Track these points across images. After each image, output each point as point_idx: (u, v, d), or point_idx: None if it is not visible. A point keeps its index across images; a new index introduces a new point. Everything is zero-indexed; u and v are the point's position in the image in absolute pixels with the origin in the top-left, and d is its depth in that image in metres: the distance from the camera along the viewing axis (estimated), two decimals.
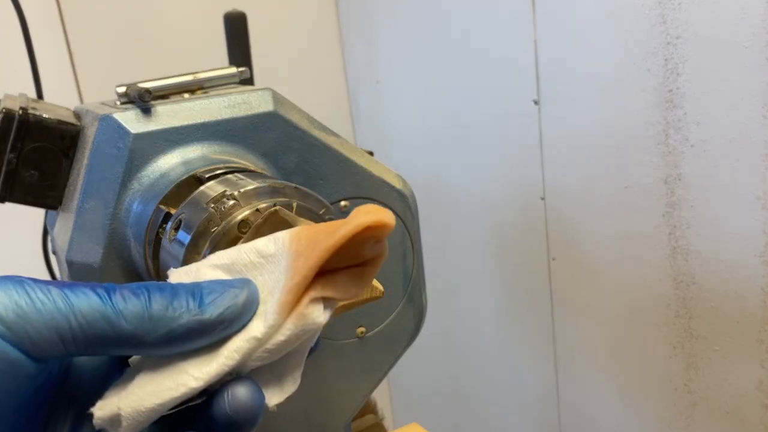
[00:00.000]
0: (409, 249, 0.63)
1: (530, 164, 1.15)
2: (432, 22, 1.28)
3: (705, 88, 0.86)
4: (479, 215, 1.30)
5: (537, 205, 1.16)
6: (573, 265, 1.14)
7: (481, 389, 1.46)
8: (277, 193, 0.42)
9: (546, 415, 1.30)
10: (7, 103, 0.52)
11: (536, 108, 1.11)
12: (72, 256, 0.49)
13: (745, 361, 0.92)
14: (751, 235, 0.86)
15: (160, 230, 0.45)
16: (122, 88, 0.53)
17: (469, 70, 1.22)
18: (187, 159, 0.50)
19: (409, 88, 1.39)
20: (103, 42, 1.25)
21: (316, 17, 1.52)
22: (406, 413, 1.75)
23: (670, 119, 0.91)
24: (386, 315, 0.63)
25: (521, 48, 1.10)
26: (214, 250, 0.39)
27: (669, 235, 0.96)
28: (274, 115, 0.54)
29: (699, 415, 1.00)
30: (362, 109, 1.57)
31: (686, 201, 0.92)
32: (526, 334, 1.28)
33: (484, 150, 1.24)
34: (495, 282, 1.32)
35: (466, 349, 1.46)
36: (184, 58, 1.32)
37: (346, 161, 0.58)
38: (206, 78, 0.58)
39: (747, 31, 0.80)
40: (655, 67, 0.91)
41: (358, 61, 1.53)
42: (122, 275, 0.50)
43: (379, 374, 0.65)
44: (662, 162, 0.94)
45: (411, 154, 1.44)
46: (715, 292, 0.92)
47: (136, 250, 0.49)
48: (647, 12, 0.90)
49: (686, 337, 0.98)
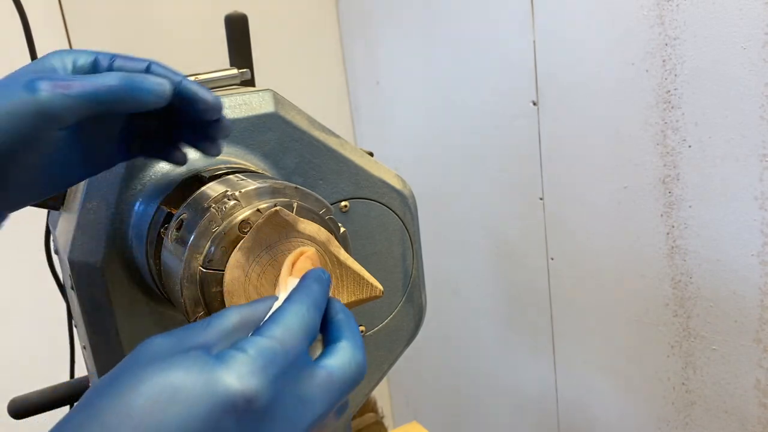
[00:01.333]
0: (409, 249, 0.63)
1: (529, 164, 1.15)
2: (432, 23, 1.28)
3: (703, 88, 0.86)
4: (478, 215, 1.30)
5: (536, 205, 1.17)
6: (572, 265, 1.14)
7: (480, 388, 1.46)
8: (277, 194, 0.42)
9: (545, 413, 1.30)
10: None
11: (535, 109, 1.11)
12: (74, 256, 0.49)
13: (743, 360, 0.92)
14: (748, 234, 0.87)
15: (161, 230, 0.46)
16: None
17: (468, 70, 1.23)
18: (188, 159, 0.51)
19: (409, 88, 1.39)
20: (104, 43, 1.26)
21: (316, 17, 1.52)
22: (406, 412, 1.75)
23: (668, 120, 0.91)
24: (386, 314, 0.63)
25: (520, 49, 1.11)
26: (215, 249, 0.39)
27: (667, 235, 0.96)
28: (274, 116, 0.54)
29: (697, 413, 1.01)
30: (362, 109, 1.57)
31: (684, 201, 0.93)
32: (525, 333, 1.29)
33: (483, 150, 1.25)
34: (494, 282, 1.32)
35: (466, 348, 1.46)
36: (185, 59, 1.33)
37: (346, 161, 0.58)
38: (207, 79, 0.58)
39: (745, 32, 0.80)
40: (654, 67, 0.91)
41: (358, 61, 1.53)
42: (124, 275, 0.51)
43: (379, 373, 0.65)
44: (660, 162, 0.94)
45: (411, 154, 1.44)
46: (713, 291, 0.93)
47: (138, 250, 0.49)
48: (645, 13, 0.90)
49: (684, 337, 0.99)
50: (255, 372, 0.29)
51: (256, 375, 0.29)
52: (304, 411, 0.30)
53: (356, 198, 0.59)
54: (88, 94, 0.37)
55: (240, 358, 0.29)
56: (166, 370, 0.28)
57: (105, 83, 0.37)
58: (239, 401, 0.28)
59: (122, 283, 0.51)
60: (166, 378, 0.28)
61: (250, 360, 0.29)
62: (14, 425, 0.81)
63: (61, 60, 0.39)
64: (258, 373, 0.29)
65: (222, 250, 0.39)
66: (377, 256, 0.62)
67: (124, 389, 0.27)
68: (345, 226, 0.44)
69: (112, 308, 0.50)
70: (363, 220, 0.60)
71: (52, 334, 0.90)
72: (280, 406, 0.29)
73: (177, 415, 0.27)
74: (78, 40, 1.23)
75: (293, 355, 0.30)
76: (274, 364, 0.29)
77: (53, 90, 0.36)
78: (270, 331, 0.31)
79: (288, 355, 0.30)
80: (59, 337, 0.82)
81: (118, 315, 0.50)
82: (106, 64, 0.41)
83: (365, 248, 0.61)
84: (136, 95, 0.38)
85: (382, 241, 0.61)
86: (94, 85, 0.37)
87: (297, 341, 0.31)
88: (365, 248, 0.61)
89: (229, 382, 0.28)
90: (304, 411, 0.30)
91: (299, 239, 0.40)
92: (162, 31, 1.32)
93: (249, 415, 0.28)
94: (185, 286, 0.39)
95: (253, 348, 0.29)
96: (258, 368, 0.29)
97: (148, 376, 0.28)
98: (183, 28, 1.33)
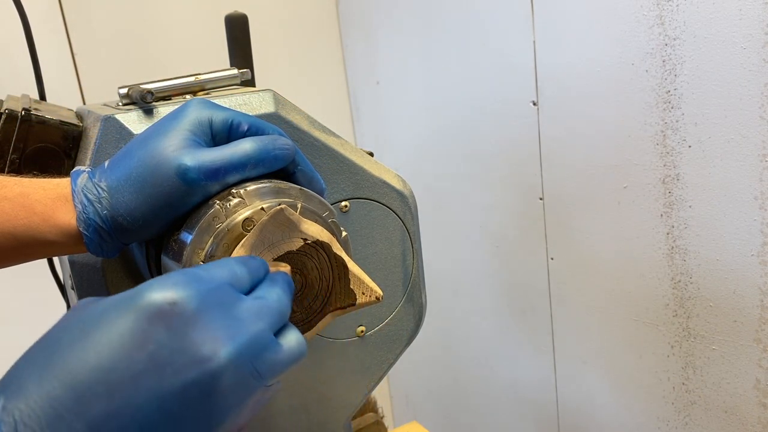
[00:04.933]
0: (409, 249, 0.63)
1: (529, 165, 1.15)
2: (432, 23, 1.28)
3: (703, 89, 0.86)
4: (478, 215, 1.30)
5: (536, 206, 1.17)
6: (571, 265, 1.14)
7: (480, 388, 1.46)
8: (281, 194, 0.42)
9: (545, 413, 1.30)
10: (9, 104, 0.52)
11: (535, 109, 1.11)
12: (74, 257, 0.50)
13: (743, 360, 0.92)
14: (748, 234, 0.87)
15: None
16: (124, 89, 0.53)
17: (468, 70, 1.23)
18: None
19: (409, 88, 1.39)
20: (105, 43, 1.26)
21: (316, 17, 1.52)
22: (406, 412, 1.75)
23: (668, 120, 0.92)
24: (386, 314, 0.63)
25: (520, 49, 1.11)
26: (217, 246, 0.39)
27: (667, 235, 0.96)
28: (274, 117, 0.54)
29: (697, 413, 1.01)
30: (362, 109, 1.57)
31: (684, 201, 0.93)
32: (525, 333, 1.29)
33: (483, 150, 1.25)
34: (494, 282, 1.32)
35: (466, 348, 1.46)
36: (185, 59, 1.33)
37: (346, 162, 0.58)
38: (208, 79, 0.58)
39: (745, 32, 0.80)
40: (653, 68, 0.91)
41: (358, 61, 1.53)
42: (124, 275, 0.51)
43: (379, 373, 0.65)
44: (660, 162, 0.94)
45: (411, 154, 1.44)
46: (712, 291, 0.93)
47: (138, 251, 0.49)
48: (645, 13, 0.90)
49: (684, 337, 0.99)
50: (178, 284, 0.31)
51: (179, 285, 0.31)
52: (236, 327, 0.32)
53: (356, 198, 0.59)
54: (228, 166, 0.40)
55: (163, 278, 0.32)
56: (93, 305, 0.31)
57: (244, 152, 0.41)
58: (163, 306, 0.30)
59: (122, 283, 0.51)
60: (95, 308, 0.31)
61: (172, 278, 0.32)
62: None
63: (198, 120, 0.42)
64: (181, 284, 0.31)
65: (224, 247, 0.39)
66: (377, 256, 0.62)
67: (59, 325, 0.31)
68: (345, 226, 0.44)
69: None
70: (363, 220, 0.60)
71: None
72: (209, 317, 0.31)
73: (106, 333, 0.29)
74: (78, 40, 1.23)
75: (217, 282, 0.33)
76: (199, 281, 0.32)
77: (203, 175, 0.40)
78: (198, 267, 0.34)
79: (212, 281, 0.33)
80: None
81: None
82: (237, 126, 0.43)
83: (365, 248, 0.61)
84: (268, 161, 0.42)
85: (382, 241, 0.61)
86: (233, 155, 0.41)
87: (222, 274, 0.34)
88: (365, 248, 0.61)
89: (150, 294, 0.30)
90: (235, 326, 0.32)
91: (301, 238, 0.41)
92: (162, 31, 1.32)
93: (177, 319, 0.30)
94: None
95: (178, 273, 0.32)
96: (180, 281, 0.31)
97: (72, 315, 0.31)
98: (183, 28, 1.33)
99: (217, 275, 0.34)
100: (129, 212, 0.40)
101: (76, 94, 1.24)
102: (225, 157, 0.40)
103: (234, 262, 0.36)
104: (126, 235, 0.41)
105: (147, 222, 0.40)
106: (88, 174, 0.42)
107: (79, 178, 0.42)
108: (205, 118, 0.42)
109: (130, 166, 0.41)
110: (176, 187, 0.40)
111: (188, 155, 0.40)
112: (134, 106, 0.53)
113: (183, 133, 0.41)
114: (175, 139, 0.41)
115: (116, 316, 0.30)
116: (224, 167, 0.40)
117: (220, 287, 0.33)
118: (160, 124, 0.42)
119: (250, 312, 0.33)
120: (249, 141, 0.42)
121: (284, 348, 0.34)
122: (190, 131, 0.41)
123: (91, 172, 0.42)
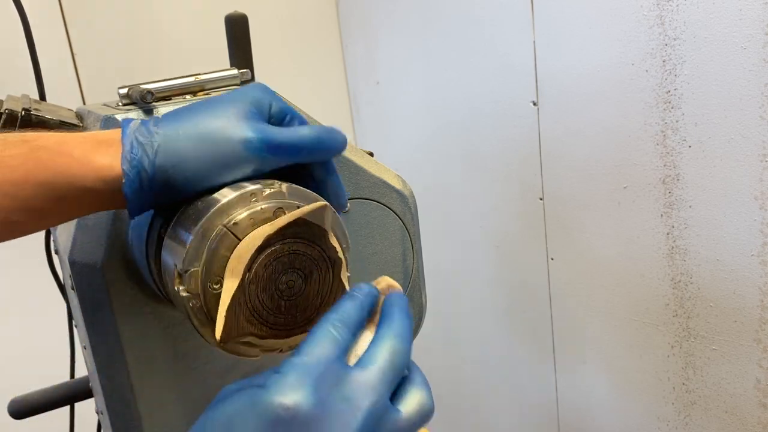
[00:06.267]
0: (409, 249, 0.63)
1: (529, 165, 1.15)
2: (432, 23, 1.28)
3: (703, 89, 0.86)
4: (478, 215, 1.30)
5: (536, 206, 1.17)
6: (572, 265, 1.14)
7: (480, 388, 1.46)
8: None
9: (545, 413, 1.30)
10: (9, 104, 0.52)
11: (535, 109, 1.11)
12: (74, 257, 0.49)
13: (743, 360, 0.92)
14: (748, 234, 0.87)
15: (161, 230, 0.46)
16: (124, 89, 0.53)
17: (468, 71, 1.23)
18: None
19: (409, 88, 1.39)
20: (105, 43, 1.26)
21: (316, 17, 1.52)
22: None
23: (668, 120, 0.92)
24: None
25: (520, 50, 1.11)
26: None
27: (667, 235, 0.96)
28: None
29: (697, 413, 1.01)
30: (362, 109, 1.57)
31: (684, 201, 0.93)
32: (525, 333, 1.29)
33: (483, 150, 1.25)
34: (494, 282, 1.32)
35: (466, 348, 1.46)
36: (185, 59, 1.33)
37: (346, 162, 0.58)
38: (208, 79, 0.58)
39: (744, 32, 0.80)
40: (654, 68, 0.91)
41: (358, 61, 1.53)
42: (124, 275, 0.51)
43: None
44: (660, 162, 0.94)
45: (411, 154, 1.44)
46: (713, 291, 0.93)
47: (138, 250, 0.49)
48: (645, 13, 0.90)
49: (684, 337, 0.99)
50: (292, 385, 0.33)
51: (293, 387, 0.33)
52: (351, 409, 0.33)
53: (356, 198, 0.59)
54: (289, 145, 0.42)
55: (276, 379, 0.33)
56: (225, 405, 0.33)
57: (304, 136, 0.42)
58: (282, 413, 0.32)
59: (122, 283, 0.51)
60: (223, 412, 0.33)
61: (284, 377, 0.33)
62: (14, 425, 0.81)
63: (260, 100, 0.44)
64: (294, 385, 0.33)
65: (251, 221, 0.39)
66: (377, 256, 0.62)
67: None
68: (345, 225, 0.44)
69: (112, 308, 0.50)
70: (363, 220, 0.60)
71: (52, 334, 0.90)
72: (326, 409, 0.33)
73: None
74: (78, 40, 1.23)
75: (324, 364, 0.34)
76: (308, 374, 0.33)
77: (265, 147, 0.41)
78: (300, 350, 0.35)
79: (320, 365, 0.34)
80: (59, 337, 0.82)
81: (118, 315, 0.50)
82: (291, 118, 0.45)
83: (365, 248, 0.61)
84: (323, 150, 0.43)
85: (382, 241, 0.61)
86: (293, 135, 0.42)
87: (326, 351, 0.35)
88: (365, 248, 0.61)
89: (269, 400, 0.32)
90: (350, 409, 0.33)
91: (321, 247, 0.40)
92: (162, 31, 1.32)
93: (296, 423, 0.32)
94: (196, 237, 0.39)
95: (286, 366, 0.34)
96: (293, 382, 0.33)
97: (210, 414, 0.33)
98: (183, 28, 1.34)
99: (322, 355, 0.35)
100: (180, 161, 0.40)
101: (76, 94, 1.24)
102: (286, 136, 0.41)
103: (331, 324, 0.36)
104: (163, 188, 0.41)
105: (193, 177, 0.40)
106: (141, 121, 0.42)
107: (131, 122, 0.42)
108: (266, 100, 0.44)
109: (192, 120, 0.41)
110: (236, 152, 0.40)
111: (254, 125, 0.41)
112: (134, 106, 0.53)
113: (248, 106, 0.42)
114: (242, 109, 0.42)
115: (241, 424, 0.32)
116: (284, 145, 0.41)
117: (328, 370, 0.34)
118: (223, 96, 0.44)
119: (360, 386, 0.34)
120: (308, 128, 0.43)
121: (403, 416, 0.35)
122: (254, 106, 0.43)
123: (144, 121, 0.42)
